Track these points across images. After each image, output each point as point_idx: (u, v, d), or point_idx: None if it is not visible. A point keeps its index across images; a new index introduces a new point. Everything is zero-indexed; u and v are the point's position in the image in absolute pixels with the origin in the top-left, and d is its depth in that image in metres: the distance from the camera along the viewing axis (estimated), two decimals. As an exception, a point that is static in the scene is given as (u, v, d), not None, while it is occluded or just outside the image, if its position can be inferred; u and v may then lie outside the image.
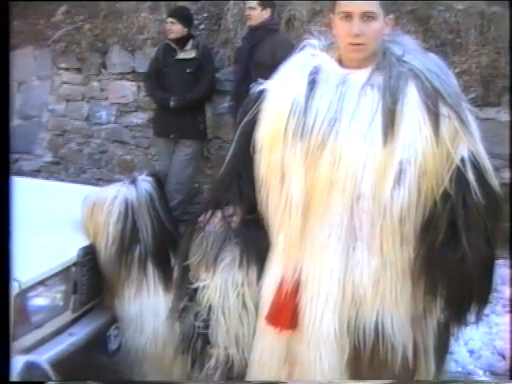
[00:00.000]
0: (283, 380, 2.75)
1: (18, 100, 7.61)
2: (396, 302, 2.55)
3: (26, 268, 2.92)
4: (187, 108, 5.85)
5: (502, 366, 4.04)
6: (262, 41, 5.45)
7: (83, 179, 6.96)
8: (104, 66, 7.16)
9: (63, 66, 7.41)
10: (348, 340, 2.59)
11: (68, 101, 7.41)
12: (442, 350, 2.82)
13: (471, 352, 4.22)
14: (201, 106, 6.01)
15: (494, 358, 4.09)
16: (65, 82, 7.42)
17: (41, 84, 7.59)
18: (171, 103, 5.83)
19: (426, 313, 2.65)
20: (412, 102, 2.46)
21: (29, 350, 2.90)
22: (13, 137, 7.64)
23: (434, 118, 2.45)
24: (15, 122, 7.57)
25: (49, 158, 7.55)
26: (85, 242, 3.39)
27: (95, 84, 7.22)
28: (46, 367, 2.63)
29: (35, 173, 7.30)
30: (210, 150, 6.40)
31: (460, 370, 4.08)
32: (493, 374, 4.00)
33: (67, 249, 3.29)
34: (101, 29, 7.25)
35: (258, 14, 5.55)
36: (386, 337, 2.56)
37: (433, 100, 2.46)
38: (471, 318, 2.70)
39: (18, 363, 2.56)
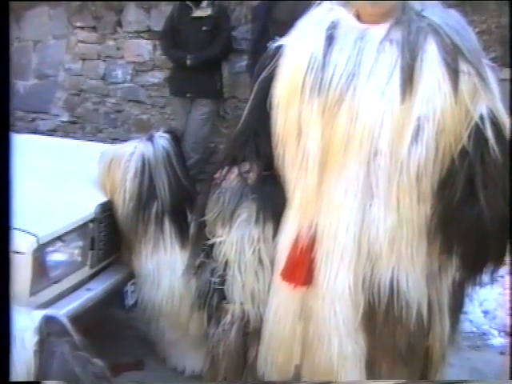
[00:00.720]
0: (299, 336, 2.79)
1: (34, 59, 7.59)
2: (411, 260, 2.56)
3: (44, 224, 2.96)
4: (204, 67, 5.78)
5: (517, 326, 4.05)
6: (281, -5, 5.31)
7: (99, 138, 6.93)
8: (119, 24, 7.03)
9: (79, 24, 7.28)
10: (363, 296, 2.61)
11: (84, 60, 7.30)
12: (457, 308, 2.83)
13: (486, 313, 4.24)
14: (217, 64, 5.96)
15: (509, 319, 4.09)
16: (80, 41, 7.29)
17: (56, 43, 7.46)
18: (188, 62, 5.73)
19: (442, 271, 2.66)
20: (431, 57, 2.43)
21: (47, 304, 2.92)
22: (29, 96, 7.67)
23: (454, 74, 2.42)
24: (31, 81, 7.63)
25: (65, 117, 7.51)
26: (102, 199, 3.39)
27: (111, 43, 7.09)
28: (65, 321, 2.66)
29: (52, 132, 7.32)
30: (226, 110, 6.35)
31: (475, 330, 4.10)
32: (507, 334, 4.00)
33: (85, 205, 3.30)
34: (116, -14, 7.20)
35: (278, -34, 5.44)
36: (401, 294, 2.57)
37: (452, 56, 2.43)
38: (486, 278, 2.71)
39: (36, 318, 2.60)
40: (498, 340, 3.99)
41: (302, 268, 2.65)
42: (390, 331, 2.65)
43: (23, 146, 4.24)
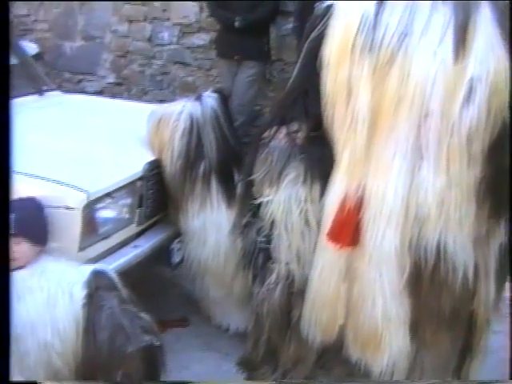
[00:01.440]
0: (343, 297, 2.80)
1: (80, 21, 7.61)
2: (459, 223, 2.53)
3: (93, 181, 3.00)
4: (251, 29, 5.72)
5: None
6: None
7: (145, 100, 6.98)
8: None
9: None
10: (409, 258, 2.60)
11: (130, 21, 7.29)
12: (503, 274, 2.81)
13: None
14: (265, 26, 5.90)
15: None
16: (127, 3, 7.28)
17: (103, 5, 7.45)
18: (236, 23, 5.68)
19: (489, 236, 2.64)
20: (485, 18, 2.39)
21: (95, 260, 2.98)
22: (76, 58, 7.72)
23: (507, 36, 2.38)
24: (78, 42, 7.67)
25: (111, 78, 7.55)
26: (150, 157, 3.43)
27: (157, 4, 7.06)
28: (113, 276, 2.72)
29: (98, 94, 7.37)
30: (272, 73, 6.31)
31: None
32: None
33: (133, 163, 3.34)
34: None
35: None
36: (448, 257, 2.56)
37: (505, 18, 2.39)
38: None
39: (85, 272, 2.66)
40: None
41: (348, 229, 2.65)
42: (435, 294, 2.65)
43: (72, 105, 4.34)
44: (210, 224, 3.42)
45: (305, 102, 2.83)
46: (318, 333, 2.91)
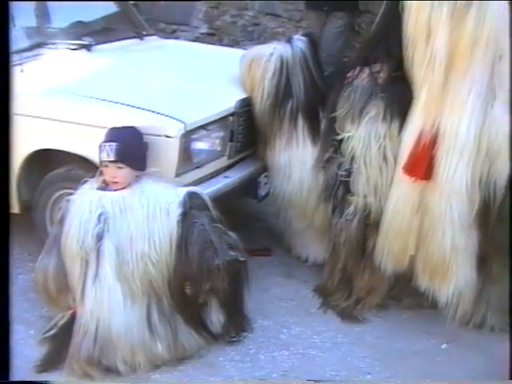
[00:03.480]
0: (415, 228, 2.99)
1: None
2: None
3: (190, 114, 3.24)
4: None
5: None
6: None
7: (237, 50, 7.15)
8: None
9: None
10: (479, 193, 2.80)
11: None
12: None
13: None
14: None
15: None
16: None
17: None
18: None
19: None
20: None
21: (190, 185, 3.19)
22: (170, 8, 7.84)
23: None
24: None
25: (204, 29, 7.69)
26: (242, 95, 3.63)
27: None
28: (206, 198, 2.99)
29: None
30: (360, 24, 6.34)
31: None
32: None
33: (226, 100, 3.55)
34: None
35: None
36: None
37: None
38: None
39: (181, 193, 2.94)
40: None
41: (422, 163, 2.85)
42: (503, 229, 2.82)
43: (170, 48, 4.63)
44: (295, 160, 3.59)
45: (387, 44, 3.02)
46: (390, 262, 3.13)
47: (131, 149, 2.98)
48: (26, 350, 2.92)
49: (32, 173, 3.56)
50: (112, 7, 4.71)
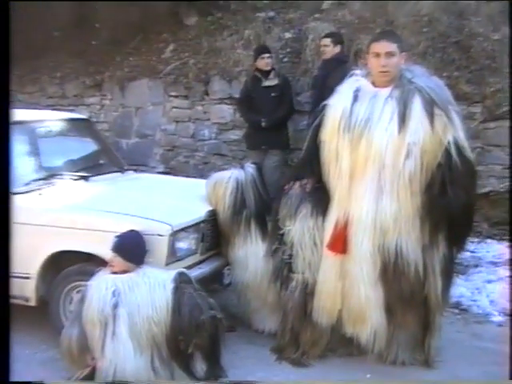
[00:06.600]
0: (339, 289, 3.98)
1: (135, 122, 8.64)
2: (409, 234, 3.80)
3: (175, 219, 4.22)
4: (274, 126, 6.72)
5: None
6: (334, 70, 5.98)
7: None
8: (206, 93, 7.95)
9: (173, 93, 8.24)
10: (379, 257, 3.83)
11: (177, 122, 8.23)
12: (448, 273, 3.99)
13: (491, 301, 5.30)
14: (285, 122, 6.91)
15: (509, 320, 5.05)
16: (174, 107, 8.21)
17: (154, 109, 8.42)
18: (263, 124, 6.70)
19: (433, 245, 3.86)
20: (416, 107, 3.74)
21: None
22: (131, 152, 8.81)
23: (431, 116, 3.72)
24: (133, 139, 8.63)
25: (161, 168, 8.35)
26: (209, 207, 4.65)
27: (199, 108, 7.99)
28: (191, 276, 3.97)
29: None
30: (292, 159, 7.11)
31: (480, 312, 5.19)
32: (506, 314, 5.09)
33: (198, 211, 4.56)
34: (203, 63, 8.15)
35: (331, 50, 6.51)
36: (404, 256, 3.79)
37: (430, 105, 3.73)
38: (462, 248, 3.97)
39: (172, 273, 3.86)
40: (497, 318, 5.08)
41: (340, 241, 3.91)
42: (398, 282, 3.85)
43: (147, 179, 5.75)
44: (250, 254, 4.52)
45: (311, 165, 4.13)
46: (325, 317, 4.08)
47: (130, 247, 3.96)
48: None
49: (49, 271, 4.30)
50: (92, 146, 5.80)
